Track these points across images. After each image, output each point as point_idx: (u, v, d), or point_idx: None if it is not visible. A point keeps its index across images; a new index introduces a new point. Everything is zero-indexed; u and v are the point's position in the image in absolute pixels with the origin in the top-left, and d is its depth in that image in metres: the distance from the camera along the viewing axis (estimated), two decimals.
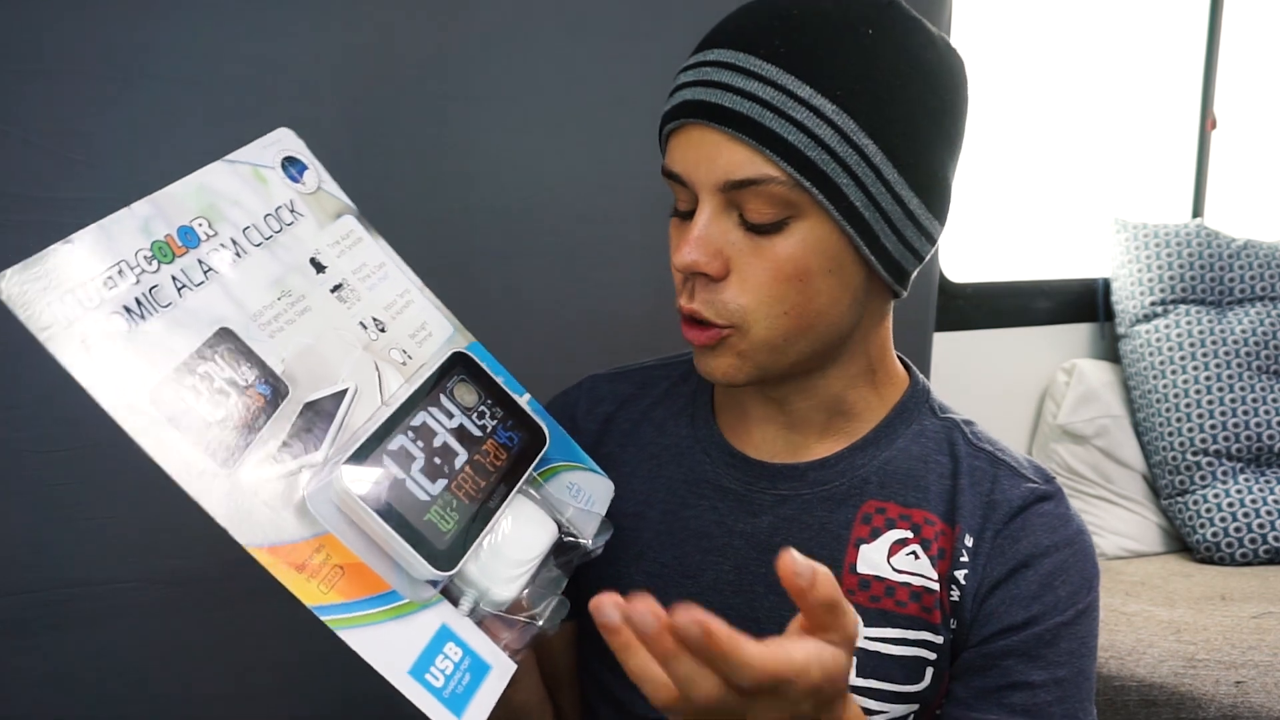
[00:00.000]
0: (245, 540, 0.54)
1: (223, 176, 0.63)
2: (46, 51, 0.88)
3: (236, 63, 0.96)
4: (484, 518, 0.61)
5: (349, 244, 0.67)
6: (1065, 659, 0.69)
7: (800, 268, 0.65)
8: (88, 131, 0.90)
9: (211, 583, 0.99)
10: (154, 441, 0.53)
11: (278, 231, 0.64)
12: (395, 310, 0.68)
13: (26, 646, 0.92)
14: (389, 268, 0.69)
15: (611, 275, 1.20)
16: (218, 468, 0.54)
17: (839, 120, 0.62)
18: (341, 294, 0.65)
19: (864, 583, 0.71)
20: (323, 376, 0.61)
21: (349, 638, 0.55)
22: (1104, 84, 2.12)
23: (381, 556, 0.57)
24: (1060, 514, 0.72)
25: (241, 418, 0.56)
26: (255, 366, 0.58)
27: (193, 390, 0.55)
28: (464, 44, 1.08)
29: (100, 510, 0.94)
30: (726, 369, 0.68)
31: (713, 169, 0.64)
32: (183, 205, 0.60)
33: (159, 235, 0.58)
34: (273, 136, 0.66)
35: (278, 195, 0.65)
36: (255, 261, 0.61)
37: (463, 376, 0.66)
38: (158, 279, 0.57)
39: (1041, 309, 2.05)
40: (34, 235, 0.89)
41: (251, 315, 0.60)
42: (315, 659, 1.06)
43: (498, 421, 0.66)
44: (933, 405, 0.77)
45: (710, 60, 0.65)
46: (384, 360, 0.65)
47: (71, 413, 0.92)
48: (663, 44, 1.18)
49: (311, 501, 0.56)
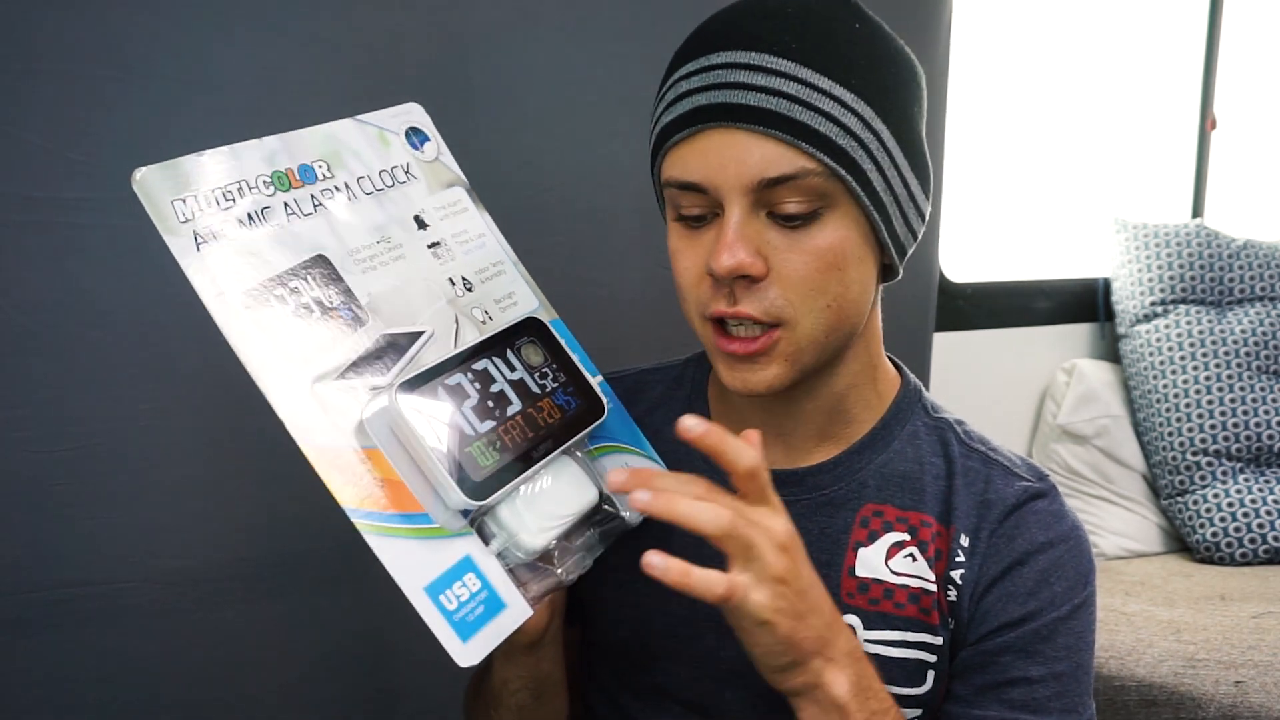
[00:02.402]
0: (299, 438, 0.58)
1: (349, 131, 0.68)
2: (46, 51, 0.88)
3: (237, 63, 0.96)
4: (524, 464, 0.63)
5: (454, 210, 0.72)
6: (1063, 654, 0.69)
7: (839, 257, 0.65)
8: (88, 131, 0.90)
9: (211, 583, 0.99)
10: (237, 332, 0.58)
11: (389, 186, 0.69)
12: (486, 276, 0.72)
13: (26, 646, 0.92)
14: (488, 238, 0.73)
15: (611, 275, 1.20)
16: (290, 369, 0.59)
17: (858, 108, 0.63)
18: (437, 251, 0.69)
19: (863, 586, 0.71)
20: (404, 316, 0.65)
21: (375, 543, 0.58)
22: (1104, 84, 2.12)
23: (422, 480, 0.61)
24: (1054, 511, 0.72)
25: (321, 334, 0.61)
26: (342, 293, 0.63)
27: (280, 299, 0.60)
28: (464, 44, 1.08)
29: (100, 510, 0.94)
30: (773, 379, 0.67)
31: (742, 170, 0.63)
32: (308, 147, 0.65)
33: (281, 167, 0.63)
34: (403, 108, 0.72)
35: (396, 156, 0.70)
36: (363, 207, 0.66)
37: (532, 339, 0.69)
38: (271, 201, 0.62)
39: (1041, 309, 2.05)
40: (34, 235, 0.90)
41: (349, 250, 0.64)
42: (315, 659, 1.06)
43: (559, 385, 0.68)
44: (925, 404, 0.78)
45: (717, 63, 0.64)
46: (465, 316, 0.68)
47: (72, 413, 0.92)
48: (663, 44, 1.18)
49: (368, 419, 0.60)
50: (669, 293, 0.71)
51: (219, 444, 0.98)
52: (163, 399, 0.96)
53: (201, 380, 0.95)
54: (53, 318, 0.91)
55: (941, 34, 1.44)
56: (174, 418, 0.96)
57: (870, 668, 0.63)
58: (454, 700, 0.86)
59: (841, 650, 0.60)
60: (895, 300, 0.76)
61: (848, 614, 0.71)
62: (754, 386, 0.68)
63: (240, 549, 1.00)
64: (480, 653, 0.59)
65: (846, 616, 0.71)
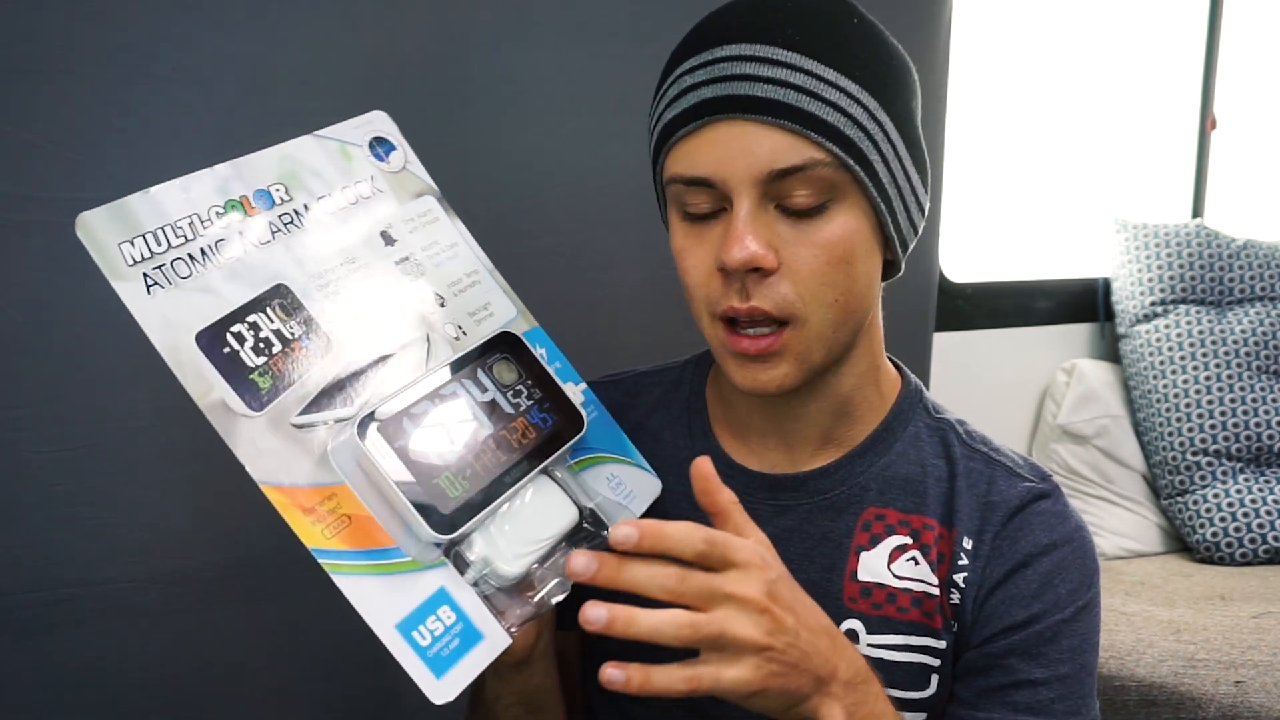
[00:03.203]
0: (259, 476, 0.57)
1: (307, 149, 0.65)
2: (47, 51, 0.88)
3: (236, 63, 0.96)
4: (496, 490, 0.61)
5: (424, 222, 0.69)
6: (1067, 656, 0.69)
7: (847, 250, 0.65)
8: (88, 131, 0.90)
9: (211, 583, 0.99)
10: (191, 378, 0.57)
11: (353, 204, 0.66)
12: (459, 288, 0.69)
13: (26, 646, 0.92)
14: (461, 248, 0.71)
15: (611, 275, 1.20)
16: (246, 408, 0.57)
17: (863, 99, 0.64)
18: (406, 267, 0.67)
19: (865, 590, 0.71)
20: (370, 340, 0.63)
21: (342, 583, 0.56)
22: (1104, 84, 2.12)
23: (391, 513, 0.59)
24: (1058, 511, 0.72)
25: (280, 367, 0.59)
26: (304, 322, 0.61)
27: (237, 337, 0.58)
28: (464, 44, 1.08)
29: (100, 510, 0.94)
30: (783, 379, 0.67)
31: (751, 162, 0.63)
32: (263, 171, 0.62)
33: (235, 195, 0.61)
34: (365, 118, 0.69)
35: (360, 170, 0.67)
36: (325, 228, 0.64)
37: (505, 355, 0.66)
38: (225, 233, 0.60)
39: (1041, 309, 2.05)
40: (34, 235, 0.90)
41: (311, 275, 0.62)
42: (315, 659, 1.06)
43: (534, 402, 0.66)
44: (927, 405, 0.77)
45: (722, 56, 0.64)
46: (437, 333, 0.66)
47: (71, 413, 0.92)
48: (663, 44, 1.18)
49: (333, 452, 0.58)
50: (669, 294, 0.71)
51: (219, 444, 0.98)
52: (163, 399, 0.95)
53: None
54: (53, 318, 0.91)
55: (941, 34, 1.44)
56: (174, 418, 0.96)
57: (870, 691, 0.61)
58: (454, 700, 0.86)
59: (841, 681, 0.59)
60: (895, 300, 0.76)
61: (850, 618, 0.71)
62: (765, 385, 0.67)
63: (240, 549, 1.00)
64: (456, 688, 0.57)
65: (849, 621, 0.71)
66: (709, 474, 0.60)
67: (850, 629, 0.71)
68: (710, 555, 0.56)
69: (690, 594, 0.55)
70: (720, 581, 0.55)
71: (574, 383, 0.71)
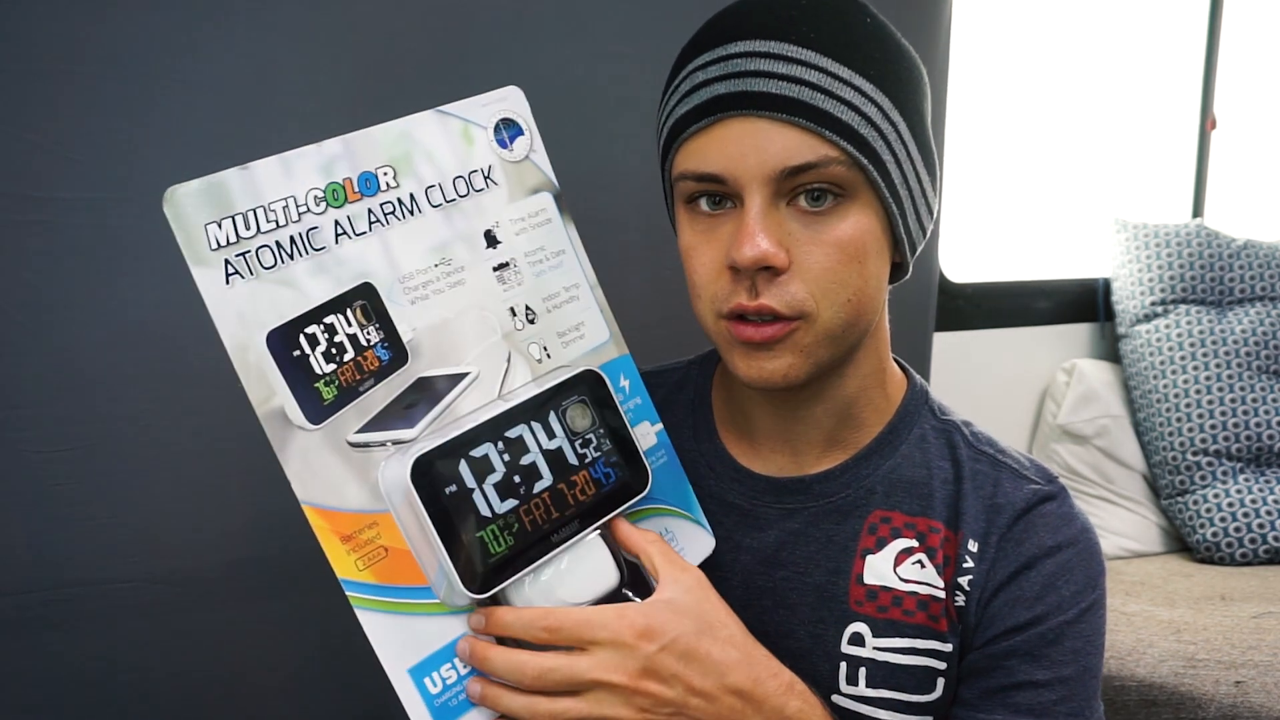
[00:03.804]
0: (302, 496, 0.54)
1: (428, 127, 0.60)
2: (49, 51, 0.88)
3: (237, 63, 0.96)
4: (540, 549, 0.59)
5: (535, 223, 0.65)
6: (1070, 657, 0.68)
7: (859, 249, 0.64)
8: (88, 131, 0.90)
9: (211, 583, 0.99)
10: (255, 381, 0.53)
11: (463, 196, 0.61)
12: (555, 303, 0.65)
13: (26, 646, 0.92)
14: (567, 257, 0.66)
15: (611, 276, 1.20)
16: (305, 420, 0.54)
17: (877, 98, 0.63)
18: (504, 274, 0.63)
19: (871, 593, 0.71)
20: (449, 354, 0.59)
21: (364, 618, 0.55)
22: (1104, 84, 2.12)
23: (430, 553, 0.57)
24: (1063, 513, 0.71)
25: (349, 377, 0.56)
26: (383, 329, 0.57)
27: (310, 339, 0.55)
28: (464, 44, 1.08)
29: (100, 510, 0.94)
30: (788, 370, 0.66)
31: (763, 159, 0.62)
32: (374, 150, 0.58)
33: (338, 177, 0.57)
34: (499, 94, 0.64)
35: (478, 158, 0.62)
36: (426, 222, 0.59)
37: (582, 398, 0.62)
38: (320, 221, 0.56)
39: (1041, 309, 2.05)
40: (34, 235, 0.90)
41: (400, 276, 0.58)
42: (315, 659, 1.06)
43: (601, 455, 0.62)
44: (932, 407, 0.77)
45: (736, 53, 0.64)
46: (520, 352, 0.62)
47: (71, 413, 0.92)
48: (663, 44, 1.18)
49: (384, 480, 0.56)
50: (670, 294, 0.71)
51: (219, 444, 0.98)
52: (163, 399, 0.96)
53: (201, 380, 0.95)
54: (53, 318, 0.91)
55: (941, 34, 1.44)
56: (174, 418, 0.96)
57: None
58: None
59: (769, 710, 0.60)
60: (895, 300, 0.76)
61: (856, 621, 0.71)
62: (769, 376, 0.66)
63: (240, 549, 1.00)
64: None
65: (855, 624, 0.71)
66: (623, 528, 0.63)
67: (856, 632, 0.70)
68: (557, 640, 0.57)
69: (553, 687, 0.56)
70: (585, 668, 0.56)
71: (650, 423, 0.68)
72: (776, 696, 0.61)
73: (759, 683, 0.60)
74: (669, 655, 0.57)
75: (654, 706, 0.57)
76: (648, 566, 0.62)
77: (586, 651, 0.57)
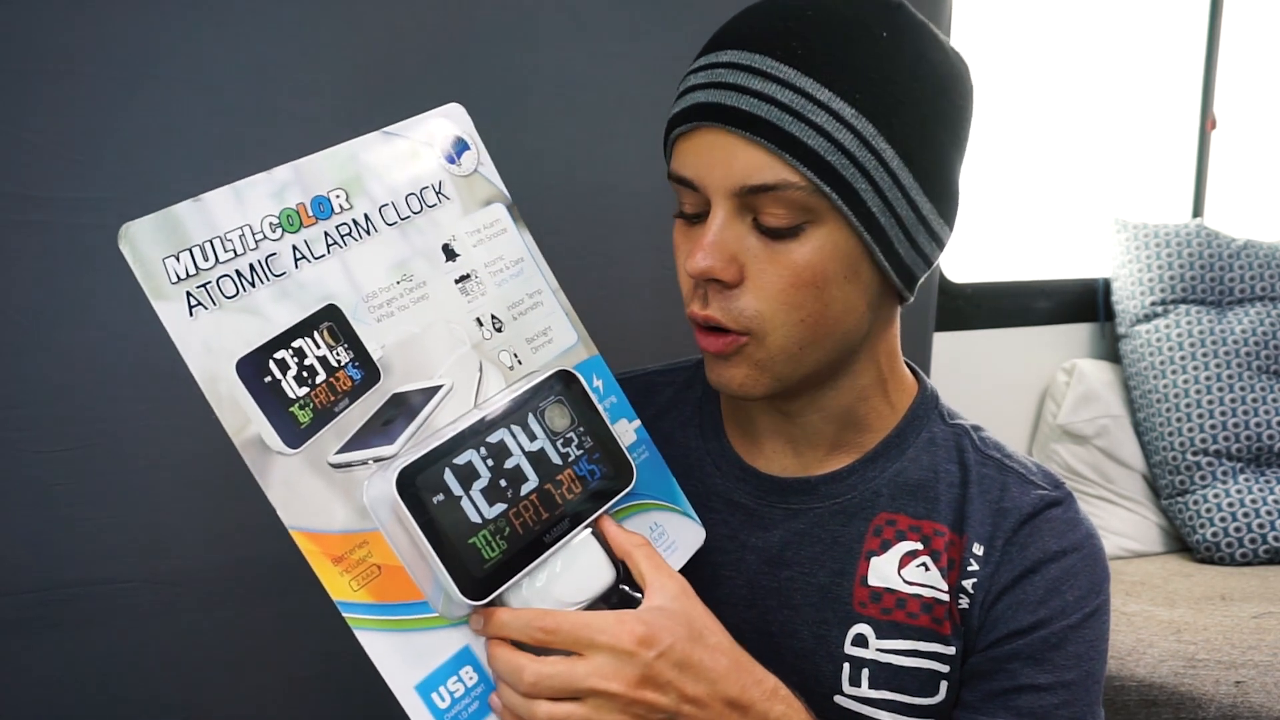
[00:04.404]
0: (289, 521, 0.54)
1: (375, 149, 0.61)
2: (46, 51, 0.88)
3: (237, 63, 0.96)
4: (534, 551, 0.59)
5: (491, 234, 0.65)
6: (1072, 662, 0.68)
7: (817, 274, 0.63)
8: (88, 131, 0.90)
9: (211, 583, 0.99)
10: (228, 410, 0.53)
11: (416, 212, 0.62)
12: (519, 310, 0.65)
13: (26, 646, 0.92)
14: (526, 264, 0.66)
15: (612, 276, 1.20)
16: (284, 445, 0.54)
17: (858, 124, 0.61)
18: (466, 286, 0.63)
19: (875, 595, 0.71)
20: (420, 368, 0.60)
21: (365, 639, 0.55)
22: (1104, 84, 2.12)
23: (423, 566, 0.57)
24: (1069, 519, 0.71)
25: (323, 399, 0.56)
26: (352, 348, 0.57)
27: (280, 364, 0.55)
28: (464, 44, 1.08)
29: (100, 510, 0.94)
30: (744, 380, 0.66)
31: (728, 173, 0.62)
32: (324, 175, 0.58)
33: (291, 204, 0.57)
34: (442, 110, 0.64)
35: (427, 175, 0.63)
36: (383, 240, 0.60)
37: (559, 398, 0.62)
38: (278, 247, 0.56)
39: (1041, 309, 2.05)
40: (34, 235, 0.90)
41: (364, 296, 0.58)
42: (316, 659, 1.06)
43: (584, 452, 0.63)
44: (942, 411, 0.77)
45: (723, 62, 0.63)
46: (491, 361, 0.63)
47: (71, 412, 0.92)
48: (663, 44, 1.18)
49: (369, 498, 0.56)
50: (670, 294, 0.71)
51: (219, 444, 0.98)
52: (163, 399, 0.96)
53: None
54: (53, 318, 0.91)
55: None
56: (174, 418, 0.96)
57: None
58: None
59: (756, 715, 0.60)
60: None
61: (860, 623, 0.71)
62: (727, 384, 0.67)
63: (240, 549, 1.00)
64: None
65: (859, 626, 0.71)
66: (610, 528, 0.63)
67: (860, 633, 0.70)
68: (555, 643, 0.57)
69: (551, 692, 0.56)
70: (583, 674, 0.56)
71: (628, 420, 0.68)
72: (762, 702, 0.61)
73: (746, 690, 0.60)
74: (665, 663, 0.57)
75: (649, 713, 0.57)
76: (634, 571, 0.62)
77: (584, 657, 0.57)
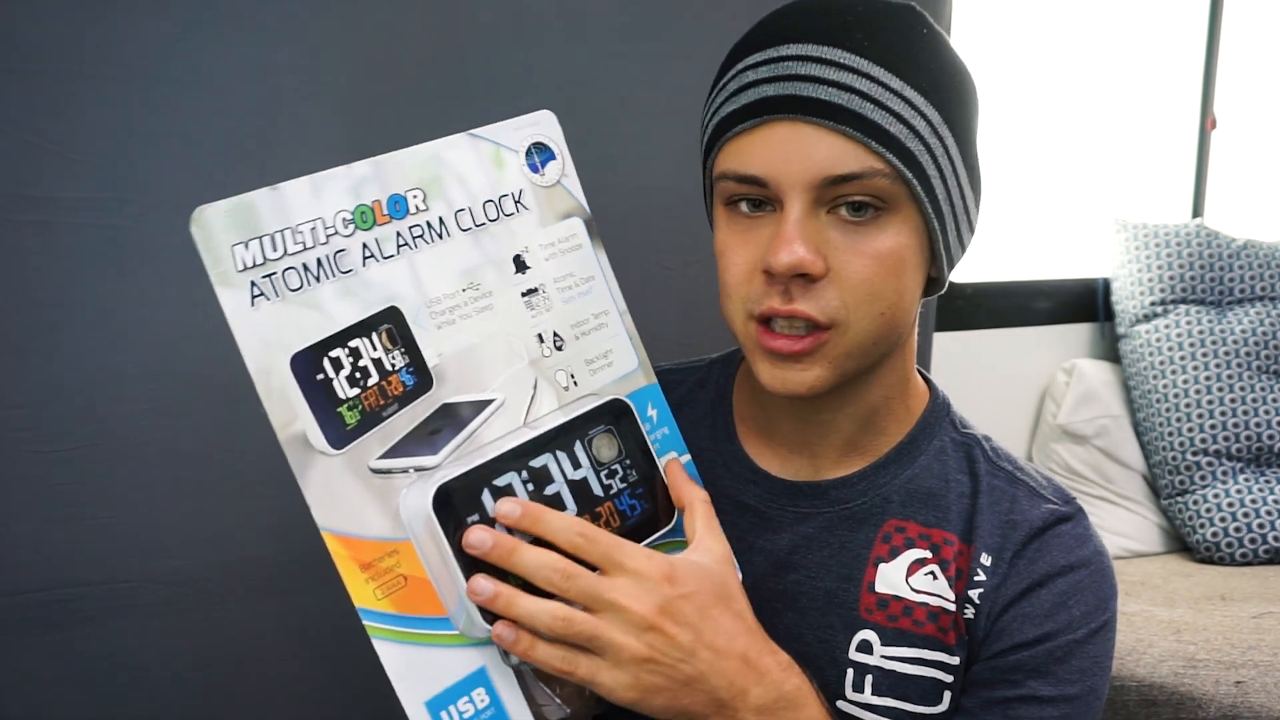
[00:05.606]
0: (322, 522, 0.54)
1: (459, 150, 0.60)
2: (46, 51, 0.88)
3: (238, 63, 0.96)
4: None
5: (565, 248, 0.64)
6: (1076, 676, 0.68)
7: (898, 262, 0.63)
8: (88, 132, 0.90)
9: (211, 583, 0.99)
10: (278, 404, 0.53)
11: (493, 220, 0.61)
12: (583, 330, 0.64)
13: (26, 646, 0.92)
14: (596, 283, 0.65)
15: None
16: (327, 445, 0.54)
17: (928, 112, 0.62)
18: (532, 299, 0.62)
19: (882, 602, 0.71)
20: (474, 380, 0.59)
21: (381, 649, 0.54)
22: (1104, 84, 2.12)
23: (450, 583, 0.56)
24: (1078, 534, 0.71)
25: (373, 402, 0.55)
26: (409, 353, 0.57)
27: (335, 363, 0.54)
28: (464, 44, 1.08)
29: (100, 510, 0.94)
30: (814, 381, 0.65)
31: (807, 165, 0.61)
32: (404, 173, 0.57)
33: (366, 200, 0.56)
34: (530, 118, 0.63)
35: (509, 182, 0.62)
36: (455, 246, 0.59)
37: (609, 427, 0.61)
38: (348, 244, 0.55)
39: (1041, 309, 2.05)
40: (34, 235, 0.90)
41: (428, 300, 0.58)
42: (316, 659, 1.06)
43: (627, 486, 0.62)
44: (954, 419, 0.76)
45: (789, 55, 0.62)
46: (546, 379, 0.62)
47: (72, 412, 0.92)
48: (664, 44, 1.18)
49: (405, 508, 0.55)
50: (671, 293, 0.70)
51: (219, 444, 0.98)
52: (163, 399, 0.96)
53: (202, 380, 0.95)
54: (53, 318, 0.91)
55: None
56: (174, 418, 0.96)
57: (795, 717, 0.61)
58: None
59: (752, 706, 0.60)
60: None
61: (866, 629, 0.70)
62: (794, 387, 0.65)
63: (240, 549, 1.00)
64: None
65: (864, 631, 0.70)
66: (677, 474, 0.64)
67: (865, 639, 0.70)
68: (588, 552, 0.56)
69: (574, 593, 0.55)
70: (607, 587, 0.55)
71: (678, 453, 0.67)
72: (777, 671, 0.61)
73: (762, 655, 0.61)
74: (687, 604, 0.57)
75: (664, 647, 0.56)
76: (687, 524, 0.61)
77: (609, 574, 0.56)
